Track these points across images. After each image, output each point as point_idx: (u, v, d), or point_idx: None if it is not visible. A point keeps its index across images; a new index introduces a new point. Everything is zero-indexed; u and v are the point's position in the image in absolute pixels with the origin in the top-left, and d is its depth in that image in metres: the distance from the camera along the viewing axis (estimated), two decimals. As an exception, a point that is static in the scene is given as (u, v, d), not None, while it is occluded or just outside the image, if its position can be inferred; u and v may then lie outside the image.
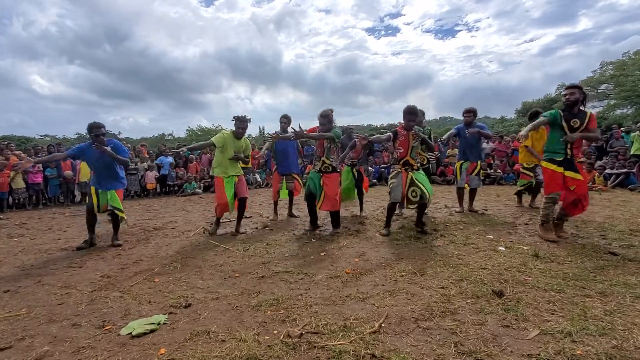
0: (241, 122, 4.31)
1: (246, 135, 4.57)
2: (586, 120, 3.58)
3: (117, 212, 3.98)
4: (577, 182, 3.59)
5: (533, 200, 5.73)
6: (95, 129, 3.80)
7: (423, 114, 5.22)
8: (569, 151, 3.65)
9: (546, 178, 3.84)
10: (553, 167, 3.70)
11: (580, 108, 3.62)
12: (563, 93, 3.71)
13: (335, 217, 4.28)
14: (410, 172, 3.94)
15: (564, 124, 3.63)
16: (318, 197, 4.18)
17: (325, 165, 4.17)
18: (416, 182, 3.86)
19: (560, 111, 3.71)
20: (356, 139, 4.41)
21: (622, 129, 10.39)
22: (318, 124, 4.19)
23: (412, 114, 3.86)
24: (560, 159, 3.66)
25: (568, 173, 3.62)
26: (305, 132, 3.93)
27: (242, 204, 4.45)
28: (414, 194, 3.85)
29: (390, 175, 4.14)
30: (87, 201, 4.03)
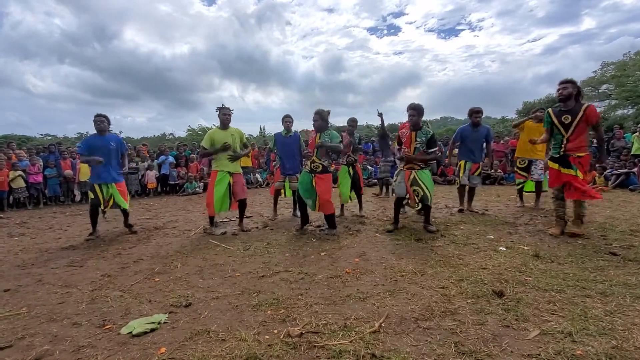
0: (222, 110, 4.44)
1: (246, 134, 4.61)
2: (580, 114, 3.52)
3: (122, 208, 4.47)
4: (569, 177, 3.66)
5: (537, 201, 5.70)
6: (97, 122, 4.27)
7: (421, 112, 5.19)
8: (563, 147, 3.68)
9: (549, 174, 4.00)
10: (551, 164, 3.87)
11: (579, 100, 3.60)
12: (557, 88, 3.67)
13: (330, 220, 4.19)
14: (413, 172, 4.01)
15: (555, 120, 3.69)
16: (313, 202, 4.09)
17: (316, 164, 4.11)
18: (419, 181, 3.95)
19: (549, 110, 3.76)
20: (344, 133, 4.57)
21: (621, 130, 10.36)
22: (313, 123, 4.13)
23: (413, 109, 3.97)
24: (557, 155, 3.77)
25: (564, 170, 3.71)
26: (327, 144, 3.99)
27: (241, 205, 4.52)
28: (415, 193, 3.96)
29: (395, 175, 4.27)
30: (93, 197, 4.33)
